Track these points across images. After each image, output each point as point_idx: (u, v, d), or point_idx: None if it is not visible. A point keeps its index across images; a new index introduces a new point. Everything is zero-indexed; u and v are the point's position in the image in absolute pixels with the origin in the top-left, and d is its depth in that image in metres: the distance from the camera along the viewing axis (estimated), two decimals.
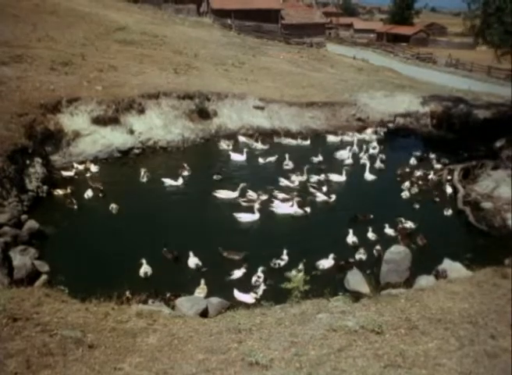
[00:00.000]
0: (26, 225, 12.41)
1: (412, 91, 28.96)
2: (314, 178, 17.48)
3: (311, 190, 16.55)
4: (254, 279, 11.14)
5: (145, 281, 10.94)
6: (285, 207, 15.15)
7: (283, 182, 17.02)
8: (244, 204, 15.17)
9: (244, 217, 14.31)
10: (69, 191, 15.32)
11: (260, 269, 11.24)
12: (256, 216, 14.33)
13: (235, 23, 57.20)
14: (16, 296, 7.16)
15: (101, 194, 15.22)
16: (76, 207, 14.30)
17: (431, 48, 70.92)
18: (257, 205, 14.58)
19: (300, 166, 18.07)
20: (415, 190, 16.55)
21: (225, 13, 57.80)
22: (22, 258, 10.74)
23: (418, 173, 17.84)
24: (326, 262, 11.87)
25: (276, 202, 15.41)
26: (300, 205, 15.07)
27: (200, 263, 11.70)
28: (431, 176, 17.77)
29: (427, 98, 26.73)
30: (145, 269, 11.28)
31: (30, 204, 13.90)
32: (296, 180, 17.20)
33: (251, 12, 58.52)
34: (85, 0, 43.19)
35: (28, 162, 14.81)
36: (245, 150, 19.81)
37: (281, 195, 15.88)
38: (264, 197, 15.61)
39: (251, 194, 15.80)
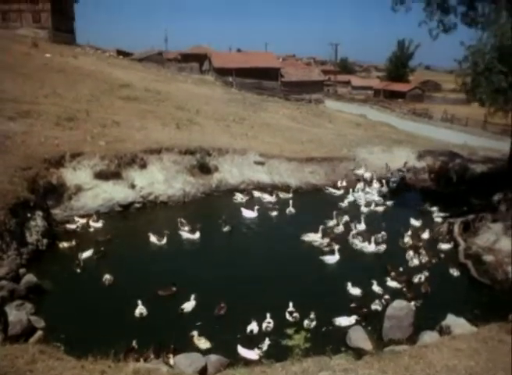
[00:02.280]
0: (23, 279, 12.31)
1: (410, 145, 29.42)
2: (343, 221, 18.42)
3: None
4: (264, 325, 11.05)
5: (142, 327, 10.87)
6: (369, 246, 16.22)
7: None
8: (326, 249, 16.02)
9: (329, 259, 15.35)
10: (74, 243, 15.29)
11: (268, 314, 11.17)
12: (337, 257, 15.38)
13: (236, 81, 59.29)
14: (10, 353, 7.01)
15: (95, 256, 14.65)
16: (79, 271, 13.82)
17: (426, 103, 73.09)
18: (336, 247, 15.69)
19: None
20: (422, 258, 15.56)
21: (227, 71, 60.10)
22: (18, 314, 10.55)
23: (408, 240, 16.81)
24: (345, 320, 11.56)
25: (364, 243, 16.44)
26: (378, 243, 16.34)
27: (186, 309, 11.67)
28: (424, 235, 17.44)
29: (423, 153, 27.14)
30: (140, 309, 11.42)
31: (29, 257, 13.80)
32: (331, 223, 18.21)
33: (252, 71, 60.86)
34: (91, 59, 45.06)
35: (29, 215, 14.84)
36: (256, 207, 19.67)
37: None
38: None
39: (314, 237, 16.81)
